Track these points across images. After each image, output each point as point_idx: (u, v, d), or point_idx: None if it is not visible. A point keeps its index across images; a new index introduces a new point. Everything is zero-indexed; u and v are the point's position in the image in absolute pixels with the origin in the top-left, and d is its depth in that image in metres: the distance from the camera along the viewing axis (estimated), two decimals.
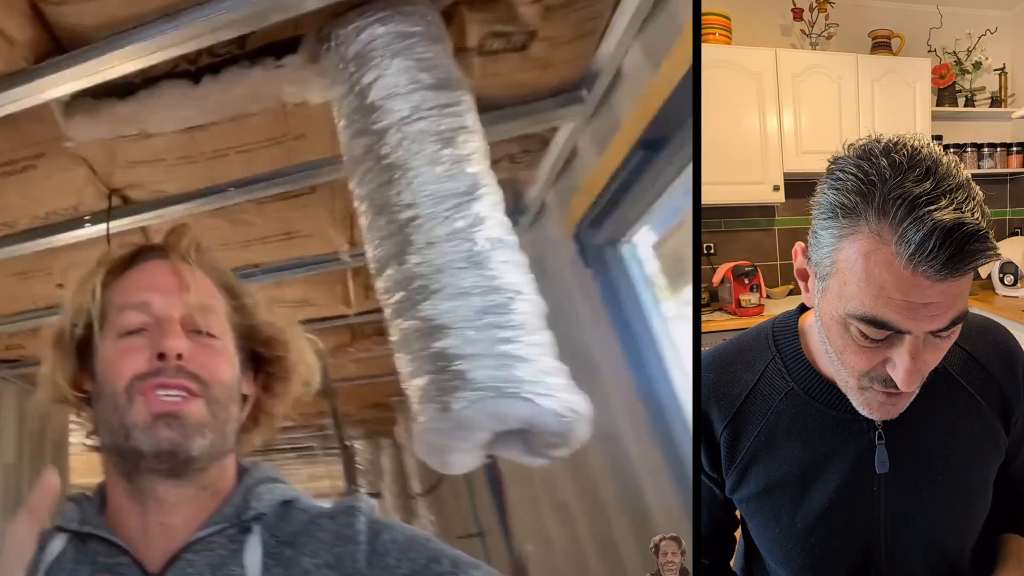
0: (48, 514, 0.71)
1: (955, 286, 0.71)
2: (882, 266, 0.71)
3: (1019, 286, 3.29)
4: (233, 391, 0.81)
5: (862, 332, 0.75)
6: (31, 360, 2.62)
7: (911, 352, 0.74)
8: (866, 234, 0.71)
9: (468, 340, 0.96)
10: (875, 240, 0.71)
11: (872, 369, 0.78)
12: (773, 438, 0.91)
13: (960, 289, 0.71)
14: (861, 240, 0.72)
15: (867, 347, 0.76)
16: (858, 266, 0.72)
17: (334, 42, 1.12)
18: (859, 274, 0.72)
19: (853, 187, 0.72)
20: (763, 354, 0.94)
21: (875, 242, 0.71)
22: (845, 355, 0.79)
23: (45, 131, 1.42)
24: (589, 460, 1.87)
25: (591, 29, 1.36)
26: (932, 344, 0.75)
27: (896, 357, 0.75)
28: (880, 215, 0.70)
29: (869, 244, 0.71)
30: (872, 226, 0.71)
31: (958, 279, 0.70)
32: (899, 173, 0.70)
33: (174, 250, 0.84)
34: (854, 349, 0.77)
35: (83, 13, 1.13)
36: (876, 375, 0.78)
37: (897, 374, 0.75)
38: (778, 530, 0.93)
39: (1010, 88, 3.68)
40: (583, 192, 1.75)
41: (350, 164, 1.11)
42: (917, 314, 0.71)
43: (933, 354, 0.77)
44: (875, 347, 0.76)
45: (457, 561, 0.77)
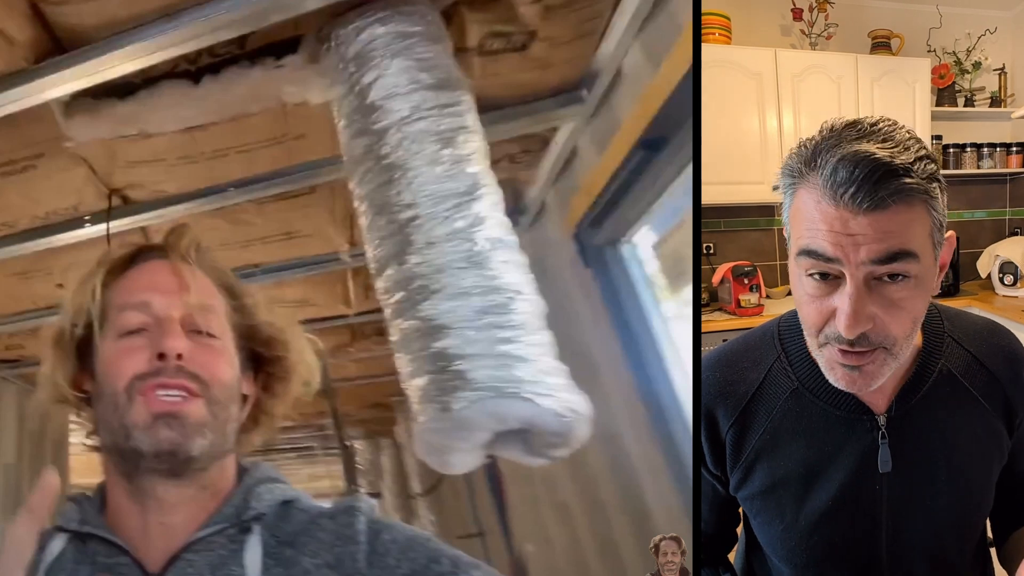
0: (48, 514, 0.71)
1: (881, 220, 0.74)
2: (813, 204, 0.77)
3: (1019, 286, 3.29)
4: (233, 391, 0.81)
5: (810, 275, 0.79)
6: (31, 360, 2.62)
7: (850, 294, 0.76)
8: (804, 185, 0.79)
9: (468, 340, 0.96)
10: (809, 187, 0.78)
11: (825, 324, 0.80)
12: (778, 436, 0.92)
13: (891, 225, 0.74)
14: (801, 191, 0.79)
15: (815, 296, 0.80)
16: (800, 212, 0.79)
17: (334, 42, 1.12)
18: (800, 218, 0.79)
19: (797, 154, 0.80)
20: (769, 353, 0.94)
21: (809, 188, 0.78)
22: (802, 310, 0.84)
23: (45, 131, 1.42)
24: (589, 460, 1.87)
25: (591, 29, 1.36)
26: (880, 294, 0.77)
27: (839, 302, 0.78)
28: (811, 166, 0.78)
29: (806, 191, 0.79)
30: (807, 176, 0.78)
31: (882, 212, 0.74)
32: (835, 132, 0.78)
33: (174, 250, 0.84)
34: (806, 300, 0.81)
35: (83, 13, 1.13)
36: (830, 331, 0.80)
37: (839, 319, 0.78)
38: (781, 527, 0.94)
39: (1010, 88, 3.68)
40: (583, 192, 1.75)
41: (350, 164, 1.11)
42: (842, 242, 0.75)
43: (886, 310, 0.78)
44: (822, 296, 0.79)
45: (457, 561, 0.77)
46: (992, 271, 3.36)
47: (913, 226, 0.76)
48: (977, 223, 3.66)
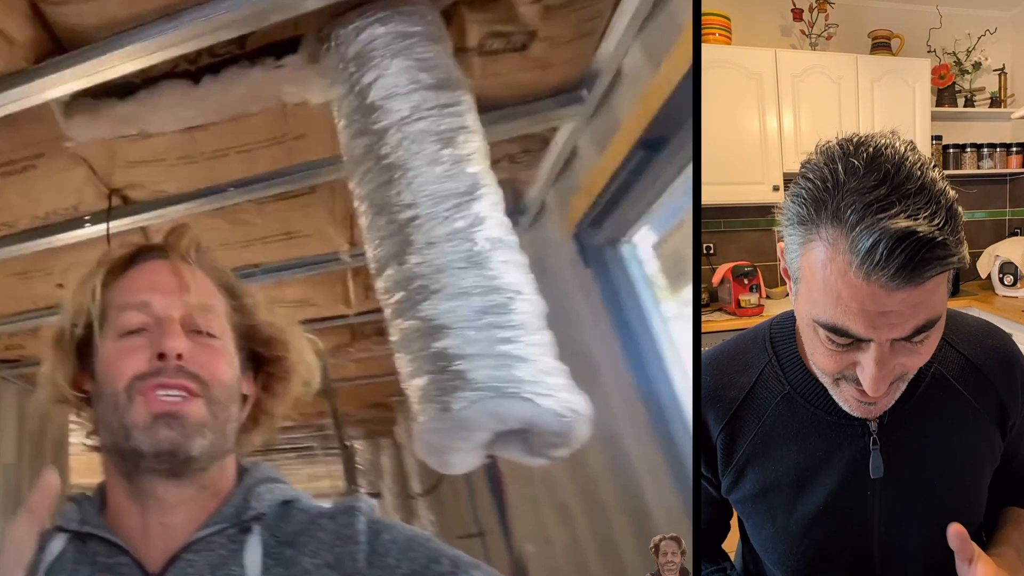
0: (48, 514, 0.71)
1: (915, 295, 0.69)
2: (837, 275, 0.70)
3: (1019, 286, 3.29)
4: (233, 391, 0.81)
5: (828, 337, 0.75)
6: (31, 360, 2.62)
7: (876, 359, 0.73)
8: (822, 243, 0.71)
9: (468, 340, 0.96)
10: (830, 249, 0.70)
11: (842, 370, 0.78)
12: (769, 441, 0.91)
13: (922, 298, 0.70)
14: (818, 248, 0.72)
15: (834, 351, 0.76)
16: (817, 274, 0.72)
17: (334, 42, 1.12)
18: (819, 282, 0.72)
19: (809, 196, 0.72)
20: (760, 357, 0.93)
21: (830, 251, 0.70)
22: (815, 356, 0.80)
23: (45, 131, 1.42)
24: (589, 460, 1.87)
25: (591, 29, 1.36)
26: (905, 349, 0.74)
27: (863, 361, 0.75)
28: (834, 223, 0.70)
29: (825, 253, 0.71)
30: (826, 235, 0.71)
31: (915, 288, 0.69)
32: (854, 179, 0.70)
33: (174, 250, 0.84)
34: (823, 352, 0.77)
35: (83, 13, 1.13)
36: (848, 374, 0.78)
37: (864, 380, 0.75)
38: (773, 531, 0.93)
39: (1009, 88, 3.68)
40: (583, 192, 1.75)
41: (350, 164, 1.11)
42: (876, 322, 0.70)
43: (908, 358, 0.75)
44: (842, 351, 0.76)
45: (457, 561, 0.77)
46: (992, 271, 3.36)
47: (939, 292, 0.72)
48: (977, 223, 3.66)
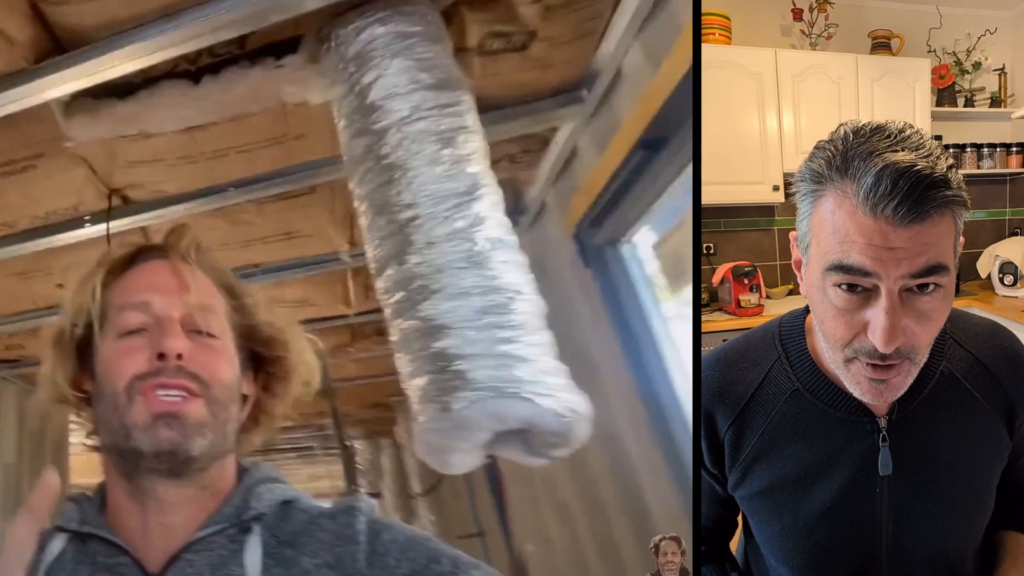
0: (48, 514, 0.70)
1: (922, 232, 0.72)
2: (845, 216, 0.74)
3: (1019, 286, 3.29)
4: (233, 391, 0.81)
5: (838, 285, 0.76)
6: (31, 360, 2.62)
7: (886, 308, 0.74)
8: (833, 192, 0.75)
9: (468, 340, 0.96)
10: (840, 195, 0.75)
11: (854, 338, 0.78)
12: (777, 437, 0.91)
13: (929, 237, 0.72)
14: (829, 198, 0.76)
15: (845, 310, 0.77)
16: (827, 223, 0.76)
17: (334, 42, 1.12)
18: (828, 229, 0.76)
19: (821, 155, 0.77)
20: (769, 353, 0.94)
21: (840, 196, 0.75)
22: (826, 324, 0.80)
23: (45, 131, 1.42)
24: (589, 460, 1.87)
25: (591, 29, 1.36)
26: (912, 306, 0.75)
27: (873, 317, 0.76)
28: (843, 173, 0.74)
29: (834, 200, 0.75)
30: (837, 184, 0.75)
31: (921, 224, 0.71)
32: (863, 137, 0.75)
33: (174, 250, 0.84)
34: (833, 314, 0.78)
35: (83, 13, 1.13)
36: (859, 346, 0.78)
37: (875, 334, 0.75)
38: (779, 528, 0.93)
39: (1010, 88, 3.68)
40: (583, 192, 1.75)
41: (350, 164, 1.11)
42: (883, 256, 0.73)
43: (917, 321, 0.76)
44: (853, 310, 0.76)
45: (457, 561, 0.77)
46: (992, 271, 3.36)
47: (946, 237, 0.74)
48: (977, 223, 3.66)
